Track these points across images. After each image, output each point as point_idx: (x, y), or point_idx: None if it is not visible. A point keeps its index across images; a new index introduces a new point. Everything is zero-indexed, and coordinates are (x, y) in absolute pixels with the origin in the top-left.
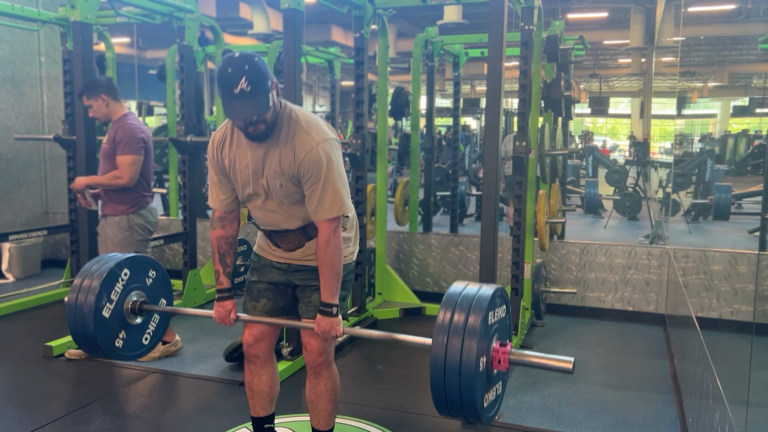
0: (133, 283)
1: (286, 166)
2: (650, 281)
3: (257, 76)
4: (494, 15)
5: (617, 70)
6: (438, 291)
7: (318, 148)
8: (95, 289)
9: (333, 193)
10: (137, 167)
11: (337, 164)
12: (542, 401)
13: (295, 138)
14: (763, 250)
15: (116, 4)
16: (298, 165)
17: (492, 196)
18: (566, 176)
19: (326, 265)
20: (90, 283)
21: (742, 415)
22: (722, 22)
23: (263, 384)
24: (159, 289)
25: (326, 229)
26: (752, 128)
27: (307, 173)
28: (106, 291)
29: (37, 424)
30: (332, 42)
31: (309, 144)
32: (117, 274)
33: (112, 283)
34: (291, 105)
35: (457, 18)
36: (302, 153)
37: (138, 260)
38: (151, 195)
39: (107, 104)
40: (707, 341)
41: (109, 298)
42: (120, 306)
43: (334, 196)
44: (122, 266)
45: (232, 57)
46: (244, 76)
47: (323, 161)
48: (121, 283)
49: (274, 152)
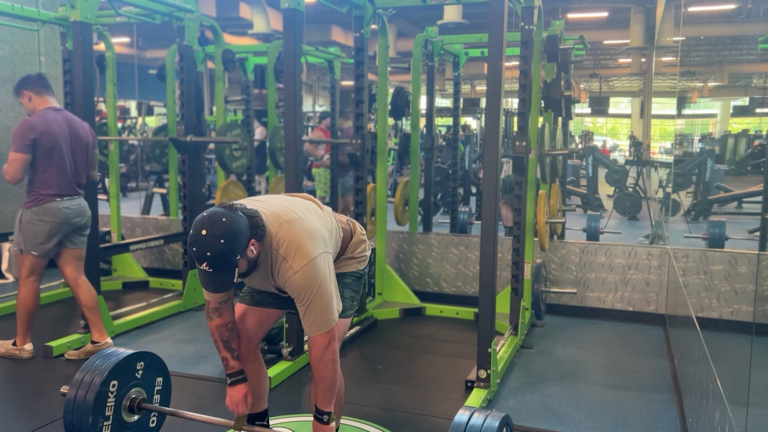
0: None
1: (278, 282)
2: (650, 281)
3: (218, 262)
4: (494, 15)
5: (617, 70)
6: (438, 291)
7: (296, 276)
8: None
9: (320, 311)
10: (18, 165)
11: (321, 281)
12: (542, 401)
13: (278, 269)
14: (763, 250)
15: (116, 4)
16: (286, 288)
17: (492, 196)
18: (566, 176)
19: (320, 379)
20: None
21: (742, 415)
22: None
23: (256, 379)
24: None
25: (319, 345)
26: (752, 128)
27: (294, 294)
28: (100, 414)
29: (37, 424)
30: (332, 42)
31: (288, 274)
32: (105, 392)
33: (102, 404)
34: (276, 230)
35: (457, 18)
36: (284, 280)
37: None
38: (58, 195)
39: (30, 99)
40: (707, 341)
41: (104, 416)
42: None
43: (322, 314)
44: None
45: (199, 235)
46: (205, 261)
47: (305, 286)
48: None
49: (265, 273)
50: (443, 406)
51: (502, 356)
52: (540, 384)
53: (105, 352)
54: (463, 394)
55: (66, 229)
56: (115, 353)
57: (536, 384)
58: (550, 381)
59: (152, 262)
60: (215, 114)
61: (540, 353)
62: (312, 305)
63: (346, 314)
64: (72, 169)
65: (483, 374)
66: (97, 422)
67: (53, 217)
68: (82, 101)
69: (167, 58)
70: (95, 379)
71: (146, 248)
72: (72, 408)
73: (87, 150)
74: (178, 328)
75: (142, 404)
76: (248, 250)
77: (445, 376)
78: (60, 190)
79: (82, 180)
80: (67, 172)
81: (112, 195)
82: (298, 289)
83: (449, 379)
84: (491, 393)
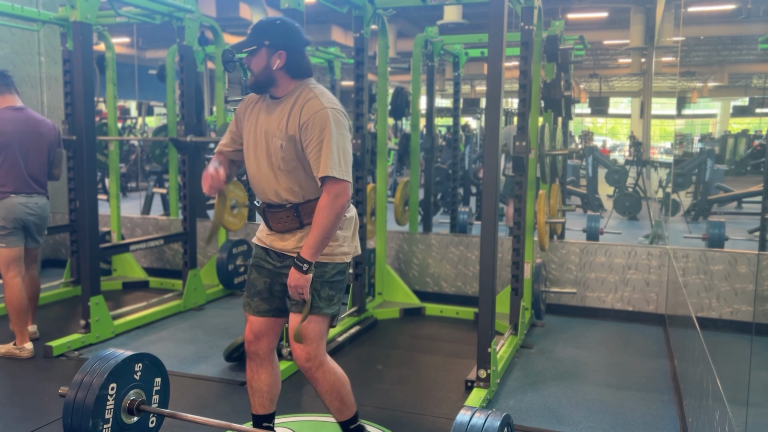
0: (122, 389)
1: (291, 127)
2: (650, 281)
3: (252, 31)
4: (494, 15)
5: (617, 70)
6: (438, 291)
7: (325, 110)
8: (87, 420)
9: (337, 151)
10: None
11: (343, 131)
12: (542, 401)
13: (306, 102)
14: (763, 250)
15: (116, 4)
16: (303, 125)
17: (492, 196)
18: (566, 176)
19: (316, 225)
20: (80, 415)
21: (742, 415)
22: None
23: (262, 383)
24: (150, 373)
25: (330, 191)
26: (752, 128)
27: (311, 133)
28: (100, 417)
29: (37, 424)
30: (332, 42)
31: (317, 106)
32: (105, 396)
33: (102, 407)
34: (315, 83)
35: (457, 18)
36: (309, 113)
37: (120, 367)
38: (14, 192)
39: None
40: (707, 341)
41: (104, 419)
42: (117, 416)
43: (338, 155)
44: (107, 384)
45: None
46: (252, 27)
47: (329, 121)
48: (111, 400)
49: (283, 114)
50: (443, 406)
51: (502, 356)
52: (540, 384)
53: (103, 353)
54: (463, 394)
55: (26, 224)
56: (114, 355)
57: (536, 384)
58: (550, 381)
59: (152, 262)
60: (215, 114)
61: (540, 353)
62: (330, 142)
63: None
64: (26, 167)
65: (483, 374)
66: (96, 425)
67: (8, 212)
68: (82, 101)
69: (167, 58)
70: (94, 381)
71: (146, 248)
72: (71, 411)
73: (48, 149)
74: (178, 328)
75: (141, 406)
76: (276, 56)
77: (445, 376)
78: (15, 188)
79: (40, 178)
80: (21, 170)
81: (112, 195)
82: (319, 125)
83: (449, 379)
84: (491, 393)
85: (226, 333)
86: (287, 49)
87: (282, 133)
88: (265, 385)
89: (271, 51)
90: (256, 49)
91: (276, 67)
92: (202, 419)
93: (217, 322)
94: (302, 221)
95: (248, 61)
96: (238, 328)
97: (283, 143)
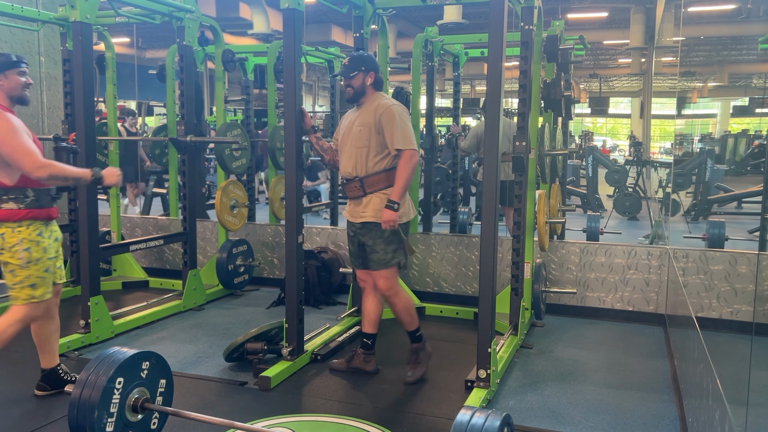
0: (128, 385)
1: (368, 118)
2: (650, 281)
3: (352, 60)
4: (494, 15)
5: (617, 70)
6: (438, 291)
7: (392, 107)
8: (92, 412)
9: (405, 132)
10: None
11: (408, 120)
12: (542, 401)
13: (378, 104)
14: (763, 250)
15: (116, 4)
16: (378, 117)
17: (492, 196)
18: (566, 176)
19: (399, 178)
20: (86, 407)
21: (742, 415)
22: (722, 22)
23: (366, 308)
24: (156, 373)
25: (404, 157)
26: (752, 128)
27: (385, 121)
28: (105, 410)
29: (37, 424)
30: (332, 42)
31: (386, 104)
32: (111, 389)
33: (108, 400)
34: (387, 96)
35: (457, 18)
36: (381, 109)
37: (128, 363)
38: None
39: None
40: (707, 341)
41: (109, 413)
42: (122, 412)
43: (407, 134)
44: (114, 378)
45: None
46: (349, 57)
47: (396, 113)
48: (117, 394)
49: (362, 114)
50: (443, 406)
51: (501, 356)
52: (540, 384)
53: (110, 351)
54: (463, 394)
55: None
56: (122, 351)
57: (536, 384)
58: (550, 381)
59: (152, 262)
60: (215, 114)
61: (540, 353)
62: (400, 126)
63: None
64: None
65: (483, 374)
66: (102, 418)
67: None
68: (82, 101)
69: (167, 58)
70: (102, 374)
71: (146, 248)
72: (78, 403)
73: None
74: (178, 328)
75: (146, 404)
76: (367, 76)
77: (445, 376)
78: None
79: None
80: None
81: (112, 195)
82: (390, 116)
83: (449, 379)
84: (491, 393)
85: (226, 333)
86: (375, 70)
87: (362, 123)
88: (368, 310)
89: (365, 73)
90: (357, 72)
91: (368, 83)
92: (205, 417)
93: (217, 322)
94: (365, 190)
95: (350, 80)
96: (238, 328)
97: (361, 128)
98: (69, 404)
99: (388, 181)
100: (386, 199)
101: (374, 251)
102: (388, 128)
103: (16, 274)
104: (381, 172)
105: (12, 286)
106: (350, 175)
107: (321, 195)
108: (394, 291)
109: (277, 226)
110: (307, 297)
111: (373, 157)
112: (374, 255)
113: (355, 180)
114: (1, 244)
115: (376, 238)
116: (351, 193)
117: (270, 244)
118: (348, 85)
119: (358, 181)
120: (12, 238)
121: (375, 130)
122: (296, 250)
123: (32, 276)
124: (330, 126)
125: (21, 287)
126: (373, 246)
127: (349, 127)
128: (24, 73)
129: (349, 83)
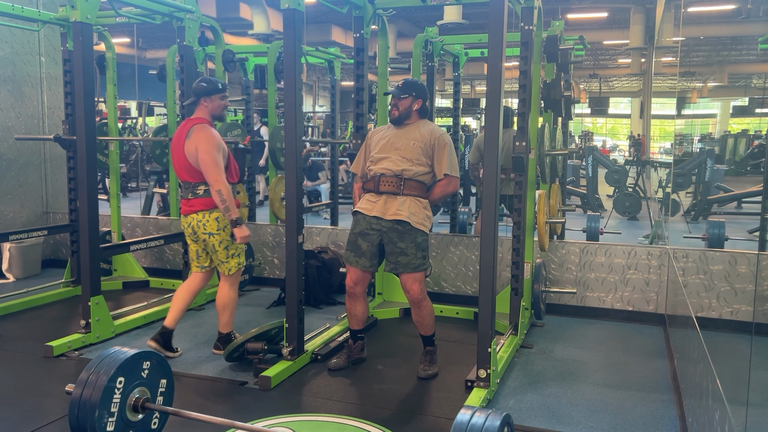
0: (129, 384)
1: (420, 138)
2: (650, 281)
3: (405, 84)
4: (494, 15)
5: (617, 70)
6: (438, 291)
7: (446, 135)
8: (93, 412)
9: (454, 161)
10: None
11: (452, 147)
12: (542, 401)
13: (428, 131)
14: (763, 250)
15: (116, 4)
16: (433, 141)
17: (492, 196)
18: (566, 176)
19: (438, 192)
20: (87, 406)
21: (742, 415)
22: (722, 22)
23: (357, 311)
24: (157, 373)
25: (452, 181)
26: (752, 128)
27: (439, 147)
28: (106, 409)
29: (37, 424)
30: (332, 42)
31: (437, 132)
32: (112, 388)
33: (109, 399)
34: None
35: (457, 18)
36: (436, 134)
37: (129, 362)
38: None
39: None
40: (707, 341)
41: (110, 412)
42: (123, 412)
43: (455, 163)
44: (115, 377)
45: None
46: (403, 81)
47: (449, 143)
48: (118, 394)
49: (410, 135)
50: (443, 405)
51: (501, 356)
52: (540, 384)
53: (110, 350)
54: (463, 394)
55: None
56: (122, 351)
57: (536, 384)
58: (550, 381)
59: (153, 262)
60: None
61: (540, 353)
62: (448, 154)
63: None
64: None
65: (483, 374)
66: (102, 417)
67: None
68: (83, 101)
69: (167, 58)
70: (103, 373)
71: (146, 248)
72: (78, 402)
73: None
74: (178, 328)
75: (146, 404)
76: (415, 102)
77: (445, 376)
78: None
79: None
80: None
81: (112, 195)
82: (441, 142)
83: (449, 379)
84: (491, 393)
85: None
86: (423, 99)
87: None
88: (359, 312)
89: (414, 99)
90: (407, 96)
91: (414, 109)
92: (206, 417)
93: (217, 322)
94: (401, 190)
95: (398, 101)
96: (238, 328)
97: (415, 143)
98: (69, 404)
99: (421, 192)
100: (421, 206)
101: (405, 254)
102: (440, 154)
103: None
104: (421, 183)
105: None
106: (392, 173)
107: (321, 195)
108: (425, 295)
109: (278, 226)
110: (307, 297)
111: (418, 168)
112: (403, 258)
113: (394, 177)
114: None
115: (408, 241)
116: (386, 186)
117: (270, 244)
118: (395, 105)
119: (399, 179)
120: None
121: (426, 151)
122: (296, 250)
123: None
124: (330, 126)
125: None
126: (405, 249)
127: (391, 140)
128: (225, 97)
129: (396, 104)
